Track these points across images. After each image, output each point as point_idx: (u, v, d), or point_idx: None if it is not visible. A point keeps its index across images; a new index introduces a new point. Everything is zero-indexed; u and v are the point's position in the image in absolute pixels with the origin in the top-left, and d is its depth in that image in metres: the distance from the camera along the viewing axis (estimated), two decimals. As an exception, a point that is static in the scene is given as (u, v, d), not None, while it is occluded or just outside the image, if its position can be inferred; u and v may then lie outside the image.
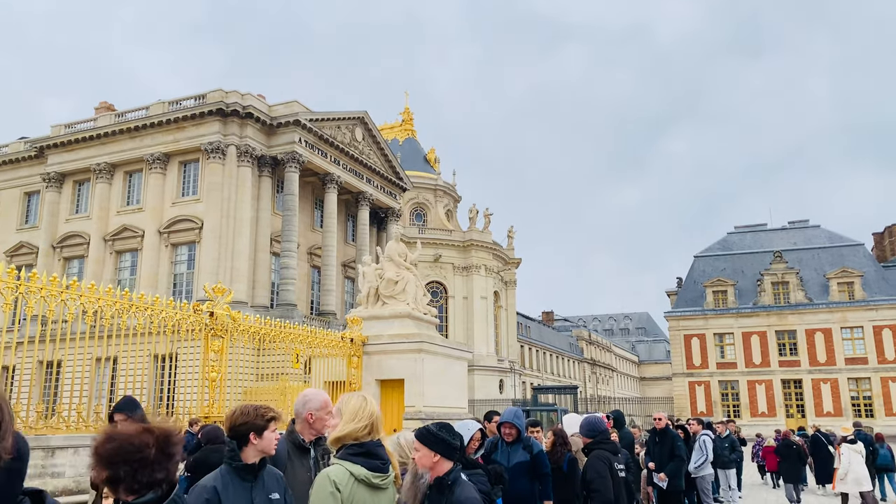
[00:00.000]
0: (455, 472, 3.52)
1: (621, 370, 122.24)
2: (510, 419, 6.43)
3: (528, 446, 6.39)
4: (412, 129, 76.02)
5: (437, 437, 3.52)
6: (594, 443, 5.86)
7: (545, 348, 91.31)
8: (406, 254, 17.88)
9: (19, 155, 44.28)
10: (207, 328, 11.86)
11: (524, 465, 6.24)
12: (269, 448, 3.41)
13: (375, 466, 3.23)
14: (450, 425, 3.68)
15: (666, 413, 10.45)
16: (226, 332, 12.13)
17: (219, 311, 12.01)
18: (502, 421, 6.53)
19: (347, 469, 3.17)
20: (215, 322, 11.90)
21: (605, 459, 5.78)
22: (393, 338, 16.29)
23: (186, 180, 39.77)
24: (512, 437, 6.40)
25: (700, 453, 10.74)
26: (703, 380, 53.05)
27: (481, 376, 64.16)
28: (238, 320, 12.54)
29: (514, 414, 6.53)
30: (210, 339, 11.86)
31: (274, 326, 13.68)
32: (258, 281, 38.87)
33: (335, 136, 42.99)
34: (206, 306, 11.95)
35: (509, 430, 6.43)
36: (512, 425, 6.40)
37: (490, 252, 67.00)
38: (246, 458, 3.36)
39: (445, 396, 16.66)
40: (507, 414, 6.56)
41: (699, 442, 10.95)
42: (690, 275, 57.67)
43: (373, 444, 3.29)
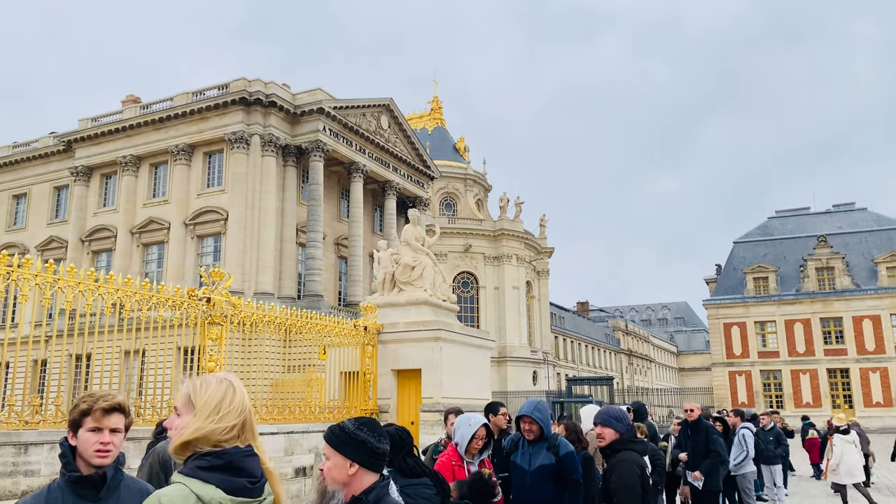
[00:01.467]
0: (380, 489, 2.49)
1: (659, 361, 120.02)
2: (529, 412, 5.23)
3: (555, 446, 5.24)
4: (441, 118, 75.04)
5: (353, 438, 2.50)
6: (621, 441, 4.51)
7: (580, 339, 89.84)
8: (424, 238, 16.97)
9: (48, 150, 44.45)
10: (204, 315, 11.09)
11: (548, 470, 5.13)
12: (89, 455, 2.40)
13: (239, 487, 2.09)
14: (374, 422, 2.65)
15: (699, 403, 9.31)
16: (224, 320, 11.36)
17: (216, 296, 11.25)
18: (520, 414, 5.33)
19: (194, 491, 2.02)
20: (213, 309, 11.13)
21: (638, 466, 4.54)
22: (409, 325, 15.41)
23: (211, 171, 39.41)
24: (533, 434, 5.24)
25: (740, 448, 9.61)
26: (743, 369, 51.25)
27: (514, 367, 63.15)
28: (238, 307, 11.76)
29: (534, 406, 5.30)
30: (207, 327, 11.09)
31: (279, 314, 12.88)
32: (285, 272, 38.35)
33: (360, 123, 42.23)
34: (202, 291, 11.19)
35: (530, 427, 5.24)
36: (532, 420, 5.21)
37: (521, 241, 65.81)
38: (80, 466, 2.41)
39: (466, 387, 15.73)
40: (527, 406, 5.31)
41: (738, 436, 9.82)
42: (730, 261, 55.79)
43: (238, 454, 2.13)
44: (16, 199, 46.12)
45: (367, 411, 14.85)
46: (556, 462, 5.13)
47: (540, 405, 5.36)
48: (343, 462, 2.47)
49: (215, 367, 11.10)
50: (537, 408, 5.28)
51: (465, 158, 72.25)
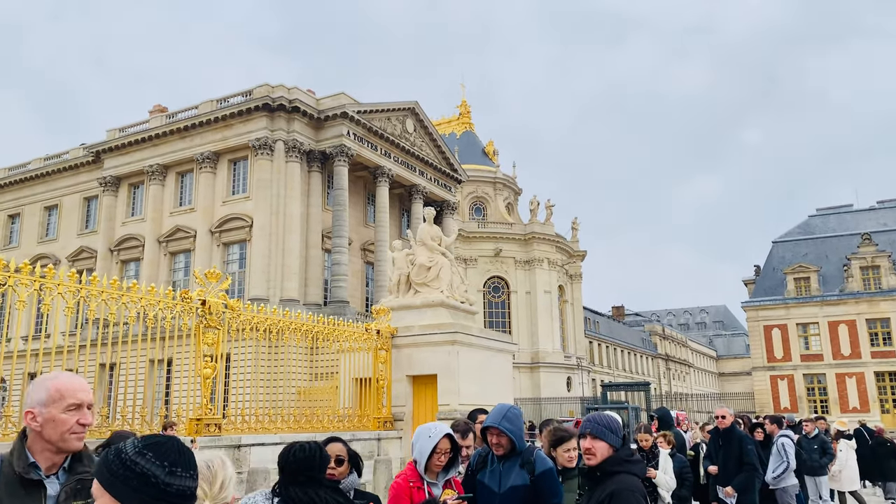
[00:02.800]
0: None
1: (698, 366, 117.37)
2: (496, 422, 4.18)
3: (529, 462, 4.25)
4: (470, 122, 74.36)
5: (129, 470, 1.67)
6: (616, 460, 3.41)
7: (616, 344, 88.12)
8: (440, 237, 16.22)
9: (78, 161, 44.84)
10: (199, 319, 10.48)
11: (522, 492, 4.16)
12: None
13: None
14: (170, 443, 1.78)
15: (731, 409, 8.33)
16: (222, 324, 10.73)
17: (212, 299, 10.63)
18: (486, 425, 4.27)
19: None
20: (209, 312, 10.51)
21: (642, 495, 3.47)
22: (424, 329, 14.66)
23: (236, 178, 39.27)
24: (503, 448, 4.22)
25: (779, 459, 8.58)
26: (785, 373, 49.39)
27: (547, 374, 61.98)
28: (237, 309, 11.14)
29: (502, 415, 4.21)
30: (203, 332, 10.48)
31: (282, 318, 12.21)
32: (310, 278, 37.95)
33: (385, 127, 41.74)
34: (197, 293, 10.58)
35: (498, 440, 4.22)
36: (500, 432, 4.16)
37: (553, 245, 64.66)
38: None
39: (485, 393, 14.90)
40: (494, 415, 4.25)
41: (777, 445, 8.78)
42: (769, 262, 53.95)
43: None
44: (48, 210, 46.63)
45: (380, 420, 14.13)
46: (532, 482, 4.18)
47: (511, 413, 4.25)
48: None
49: (212, 374, 10.48)
50: (506, 416, 4.19)
51: (495, 162, 71.40)
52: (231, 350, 11.55)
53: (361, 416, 13.95)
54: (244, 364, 12.92)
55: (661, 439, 7.31)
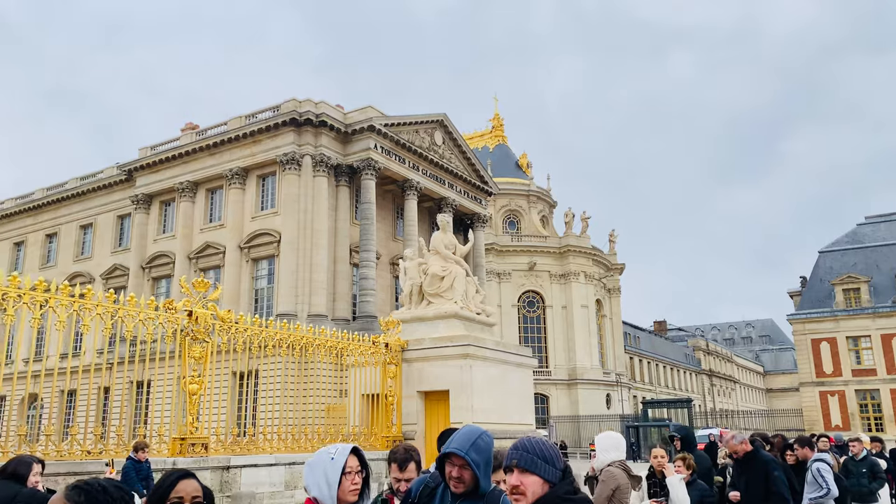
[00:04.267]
0: None
1: (744, 381, 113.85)
2: (461, 449, 3.04)
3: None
4: (503, 136, 73.70)
5: None
6: (552, 497, 2.59)
7: (657, 360, 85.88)
8: (455, 245, 15.43)
9: (112, 179, 45.30)
10: (185, 331, 9.84)
11: None
12: None
13: None
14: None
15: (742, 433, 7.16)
16: (210, 337, 10.07)
17: (200, 310, 9.98)
18: (448, 451, 3.12)
19: None
20: (196, 323, 9.86)
21: None
22: (435, 341, 13.84)
23: (265, 194, 39.11)
24: (463, 485, 3.08)
25: (815, 487, 7.43)
26: (836, 389, 47.09)
27: (585, 390, 60.50)
28: (228, 321, 10.47)
29: (470, 440, 3.09)
30: (189, 345, 9.83)
31: (279, 330, 11.51)
32: (338, 293, 37.45)
33: (413, 140, 41.23)
34: (182, 303, 9.95)
35: (459, 474, 3.08)
36: (465, 464, 3.04)
37: (589, 258, 63.31)
38: None
39: (502, 410, 13.99)
40: (460, 439, 3.10)
41: (812, 471, 7.57)
42: (815, 272, 51.79)
43: None
44: (83, 229, 47.18)
45: (389, 438, 13.31)
46: None
47: (482, 441, 3.12)
48: None
49: (198, 390, 9.81)
50: (475, 444, 3.09)
51: (528, 175, 70.49)
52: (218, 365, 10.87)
53: (369, 434, 13.16)
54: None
55: (679, 463, 6.35)
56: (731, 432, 6.77)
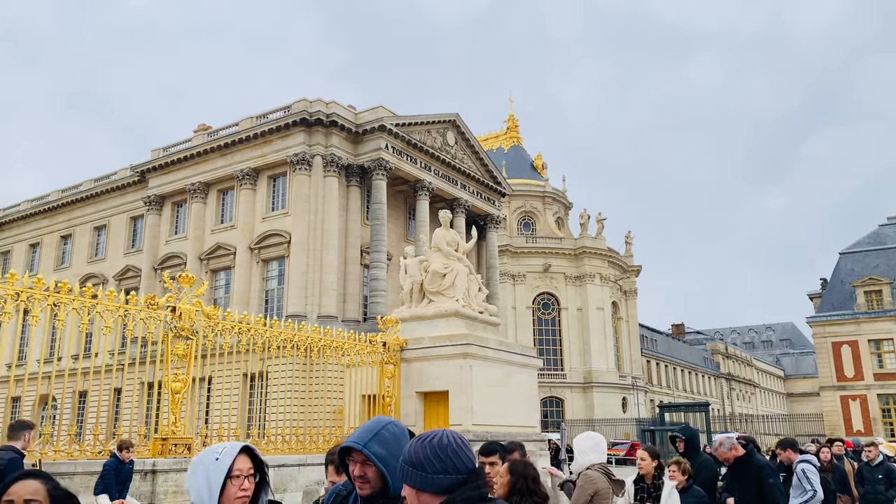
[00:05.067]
0: None
1: (764, 386, 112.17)
2: (360, 443, 2.50)
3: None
4: (518, 137, 73.18)
5: None
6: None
7: (675, 363, 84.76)
8: (457, 242, 15.02)
9: (125, 181, 45.38)
10: (169, 328, 9.51)
11: None
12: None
13: None
14: None
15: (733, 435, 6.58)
16: (195, 334, 9.74)
17: (185, 306, 9.65)
18: (346, 445, 2.60)
19: None
20: (179, 320, 9.53)
21: None
22: (434, 340, 13.43)
23: (275, 194, 38.94)
24: (369, 486, 2.55)
25: (801, 490, 6.69)
26: (857, 393, 46.01)
27: (601, 394, 59.72)
28: (214, 318, 10.13)
29: (372, 432, 2.54)
30: (172, 341, 9.50)
31: (269, 328, 11.15)
32: (349, 294, 37.14)
33: (425, 140, 40.88)
34: (166, 299, 9.63)
35: (362, 472, 2.54)
36: (366, 460, 2.51)
37: (605, 259, 62.57)
38: None
39: (504, 412, 13.54)
40: (361, 433, 2.51)
41: (797, 474, 6.88)
42: (836, 274, 50.71)
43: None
44: (97, 230, 47.33)
45: (386, 440, 12.91)
46: None
47: (386, 431, 2.55)
48: None
49: (182, 388, 9.47)
50: (378, 436, 2.53)
51: (543, 176, 69.91)
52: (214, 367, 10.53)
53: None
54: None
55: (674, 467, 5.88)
56: (720, 438, 6.23)
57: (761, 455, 6.16)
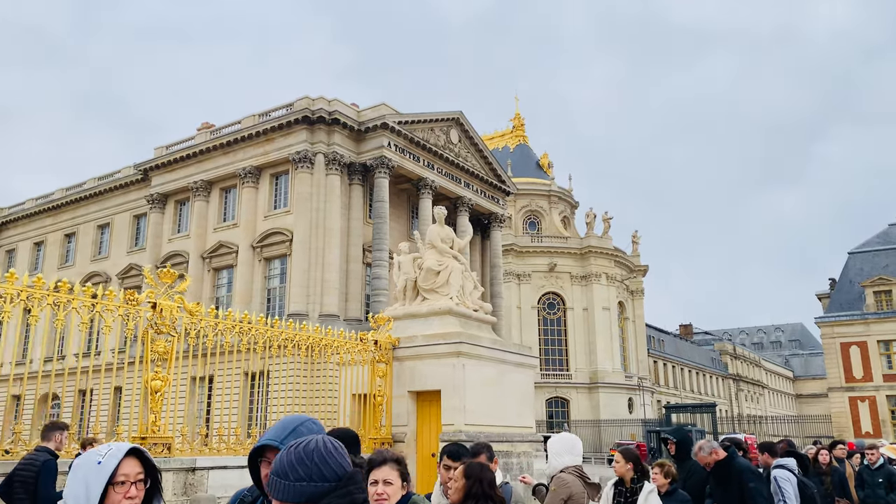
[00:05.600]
0: None
1: (773, 387, 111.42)
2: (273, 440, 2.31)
3: None
4: (523, 135, 72.81)
5: None
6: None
7: (682, 363, 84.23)
8: (452, 238, 14.73)
9: (128, 179, 45.34)
10: (149, 324, 9.29)
11: None
12: None
13: None
14: None
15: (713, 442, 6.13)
16: (176, 330, 9.51)
17: (165, 301, 9.43)
18: (260, 443, 2.37)
19: None
20: (160, 316, 9.31)
21: None
22: (428, 339, 13.15)
23: (278, 193, 38.79)
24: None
25: (778, 499, 6.37)
26: (866, 395, 45.46)
27: (607, 394, 59.31)
28: (198, 315, 9.90)
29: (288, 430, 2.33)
30: (152, 339, 9.27)
31: (255, 324, 10.90)
32: (351, 293, 36.94)
33: (428, 138, 40.62)
34: (147, 294, 9.40)
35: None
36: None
37: (611, 259, 62.14)
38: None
39: (499, 412, 13.27)
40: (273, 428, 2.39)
41: (772, 480, 6.57)
42: (845, 274, 50.16)
43: None
44: (100, 229, 47.32)
45: (377, 441, 12.65)
46: None
47: (304, 427, 2.34)
48: None
49: (163, 387, 9.24)
50: (297, 433, 2.29)
51: (549, 175, 69.51)
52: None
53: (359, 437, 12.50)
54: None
55: (657, 470, 5.60)
56: (700, 442, 5.89)
57: (743, 458, 5.80)
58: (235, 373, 10.89)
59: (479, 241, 47.08)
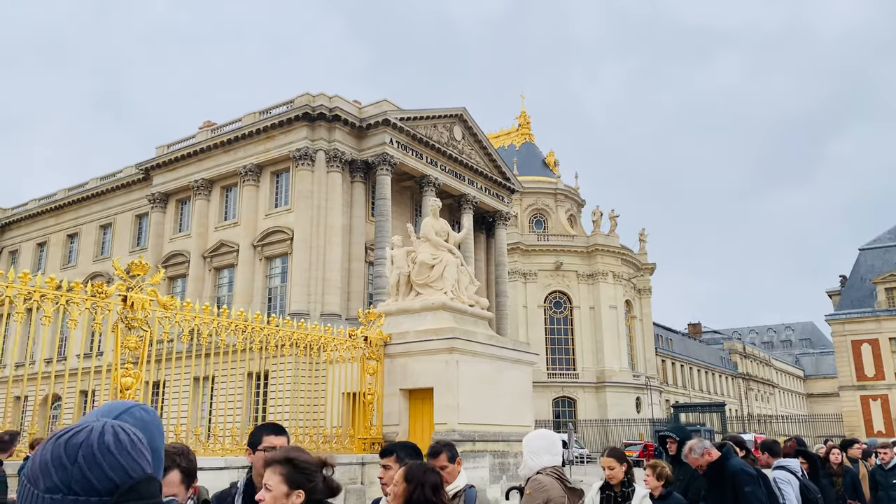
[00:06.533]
0: None
1: (783, 386, 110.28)
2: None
3: None
4: (529, 134, 72.22)
5: None
6: None
7: (691, 363, 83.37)
8: (447, 232, 14.24)
9: (130, 179, 45.03)
10: (120, 318, 8.81)
11: None
12: None
13: None
14: None
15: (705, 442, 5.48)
16: (149, 325, 9.04)
17: (137, 295, 8.95)
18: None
19: None
20: (132, 310, 8.83)
21: None
22: (420, 334, 12.65)
23: (279, 191, 38.36)
24: None
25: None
26: (878, 393, 44.62)
27: (614, 394, 58.63)
28: (171, 307, 9.42)
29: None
30: (123, 333, 8.80)
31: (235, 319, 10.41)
32: (353, 292, 36.45)
33: (431, 135, 40.12)
34: (117, 287, 8.93)
35: None
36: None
37: (618, 257, 61.45)
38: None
39: (493, 410, 12.74)
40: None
41: (773, 483, 5.95)
42: (856, 271, 49.32)
43: None
44: (102, 229, 47.06)
45: (367, 441, 12.14)
46: None
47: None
48: None
49: (134, 384, 8.76)
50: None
51: (555, 173, 68.89)
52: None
53: (344, 436, 12.01)
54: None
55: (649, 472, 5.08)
56: (690, 443, 5.31)
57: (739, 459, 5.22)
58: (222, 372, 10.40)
59: (485, 240, 46.54)
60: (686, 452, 5.23)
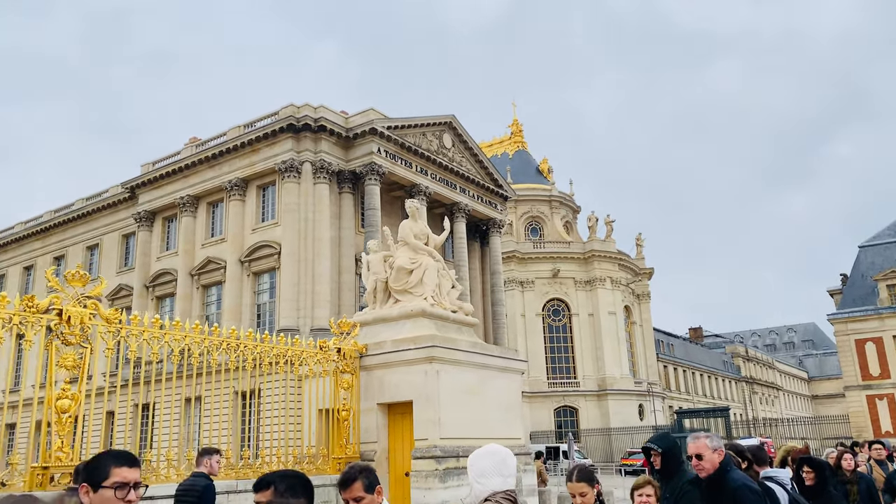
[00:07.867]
0: None
1: (788, 388, 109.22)
2: None
3: None
4: (522, 141, 71.63)
5: None
6: None
7: (693, 367, 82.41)
8: (427, 234, 13.44)
9: (116, 198, 44.29)
10: (55, 334, 7.98)
11: None
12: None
13: None
14: None
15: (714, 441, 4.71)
16: (89, 341, 8.20)
17: (74, 308, 8.12)
18: None
19: None
20: (68, 325, 8.00)
21: None
22: (397, 344, 11.80)
23: (265, 205, 37.60)
24: None
25: None
26: (884, 392, 43.70)
27: (616, 401, 57.66)
28: (113, 321, 8.59)
29: None
30: (58, 350, 7.96)
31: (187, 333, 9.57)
32: (343, 305, 35.58)
33: (420, 143, 39.41)
34: (50, 300, 8.10)
35: None
36: None
37: (615, 262, 60.65)
38: None
39: (480, 423, 11.88)
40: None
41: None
42: (856, 268, 48.52)
43: None
44: (89, 250, 46.26)
45: (342, 460, 11.25)
46: None
47: None
48: None
49: (72, 407, 7.91)
50: None
51: (549, 180, 68.22)
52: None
53: (320, 456, 11.14)
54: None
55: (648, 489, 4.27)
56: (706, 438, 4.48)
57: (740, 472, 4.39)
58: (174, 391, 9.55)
59: (479, 248, 45.76)
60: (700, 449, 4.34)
